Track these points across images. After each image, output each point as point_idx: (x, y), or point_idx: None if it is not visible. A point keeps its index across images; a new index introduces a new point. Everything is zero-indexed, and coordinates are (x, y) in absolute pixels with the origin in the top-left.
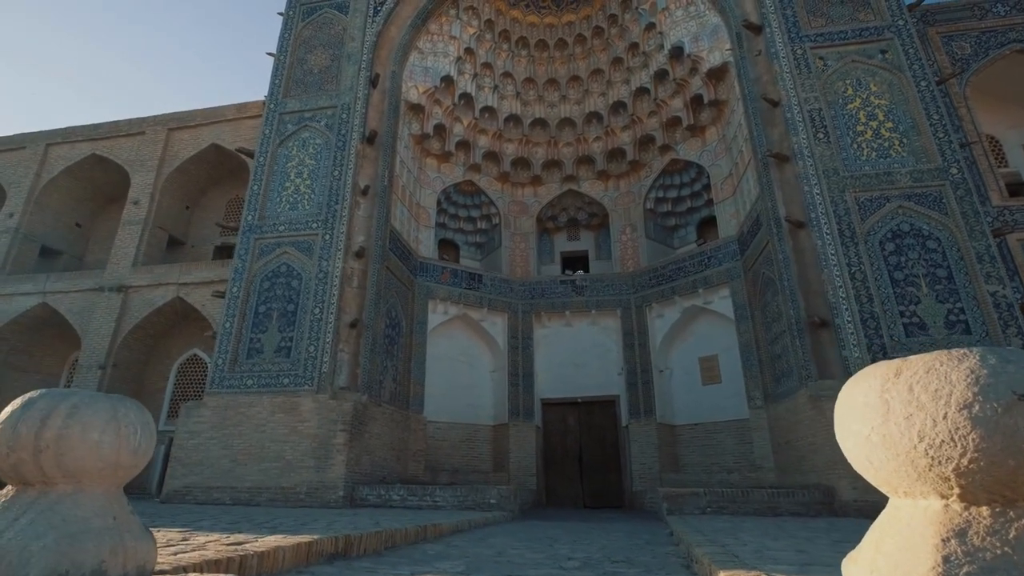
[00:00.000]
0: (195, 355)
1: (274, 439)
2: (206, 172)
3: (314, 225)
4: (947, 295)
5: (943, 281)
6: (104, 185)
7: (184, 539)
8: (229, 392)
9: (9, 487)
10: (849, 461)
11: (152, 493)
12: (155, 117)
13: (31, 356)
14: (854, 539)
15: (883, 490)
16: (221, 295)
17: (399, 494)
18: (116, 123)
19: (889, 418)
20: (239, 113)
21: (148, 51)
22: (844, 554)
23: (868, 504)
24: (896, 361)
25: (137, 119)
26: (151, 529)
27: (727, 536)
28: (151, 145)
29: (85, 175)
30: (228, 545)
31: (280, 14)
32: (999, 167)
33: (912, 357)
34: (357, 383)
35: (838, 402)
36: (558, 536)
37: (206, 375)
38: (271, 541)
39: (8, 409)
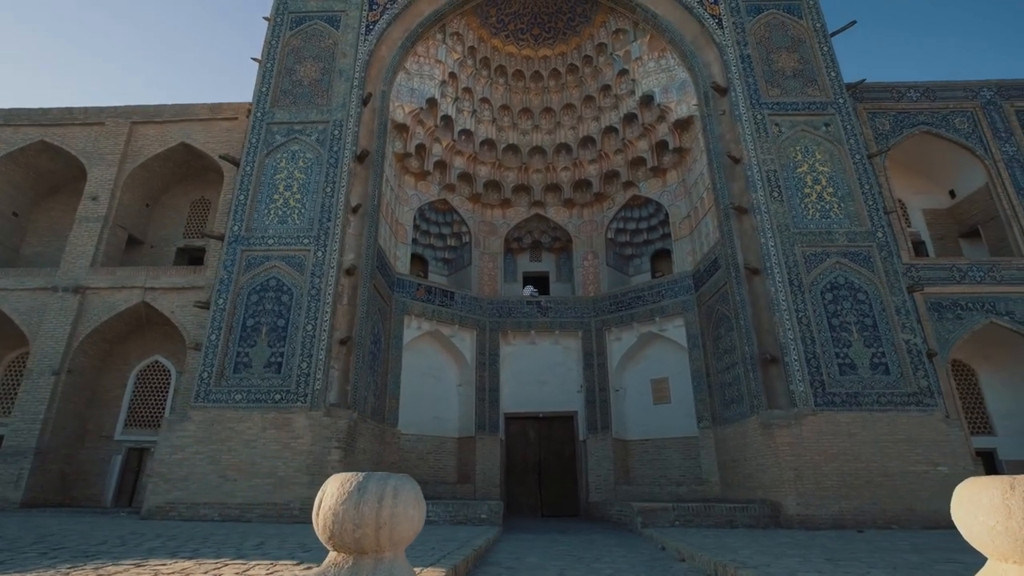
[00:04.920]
0: (156, 362)
1: (266, 455)
2: (170, 170)
3: (306, 241)
4: (872, 341)
5: (869, 328)
6: (48, 174)
7: (271, 572)
8: (216, 406)
9: (336, 554)
10: (967, 537)
11: (107, 505)
12: (116, 108)
13: None
14: (837, 556)
15: (995, 560)
16: (203, 305)
17: None
18: (69, 110)
19: (1011, 517)
20: (212, 113)
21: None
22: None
23: (808, 517)
24: (1007, 478)
25: (95, 108)
26: (193, 559)
27: (731, 552)
28: (112, 138)
29: (28, 162)
30: None
31: (266, 19)
32: (907, 227)
33: (1020, 476)
34: (347, 400)
35: (964, 497)
36: (575, 552)
37: (169, 383)
38: None
39: (339, 490)
